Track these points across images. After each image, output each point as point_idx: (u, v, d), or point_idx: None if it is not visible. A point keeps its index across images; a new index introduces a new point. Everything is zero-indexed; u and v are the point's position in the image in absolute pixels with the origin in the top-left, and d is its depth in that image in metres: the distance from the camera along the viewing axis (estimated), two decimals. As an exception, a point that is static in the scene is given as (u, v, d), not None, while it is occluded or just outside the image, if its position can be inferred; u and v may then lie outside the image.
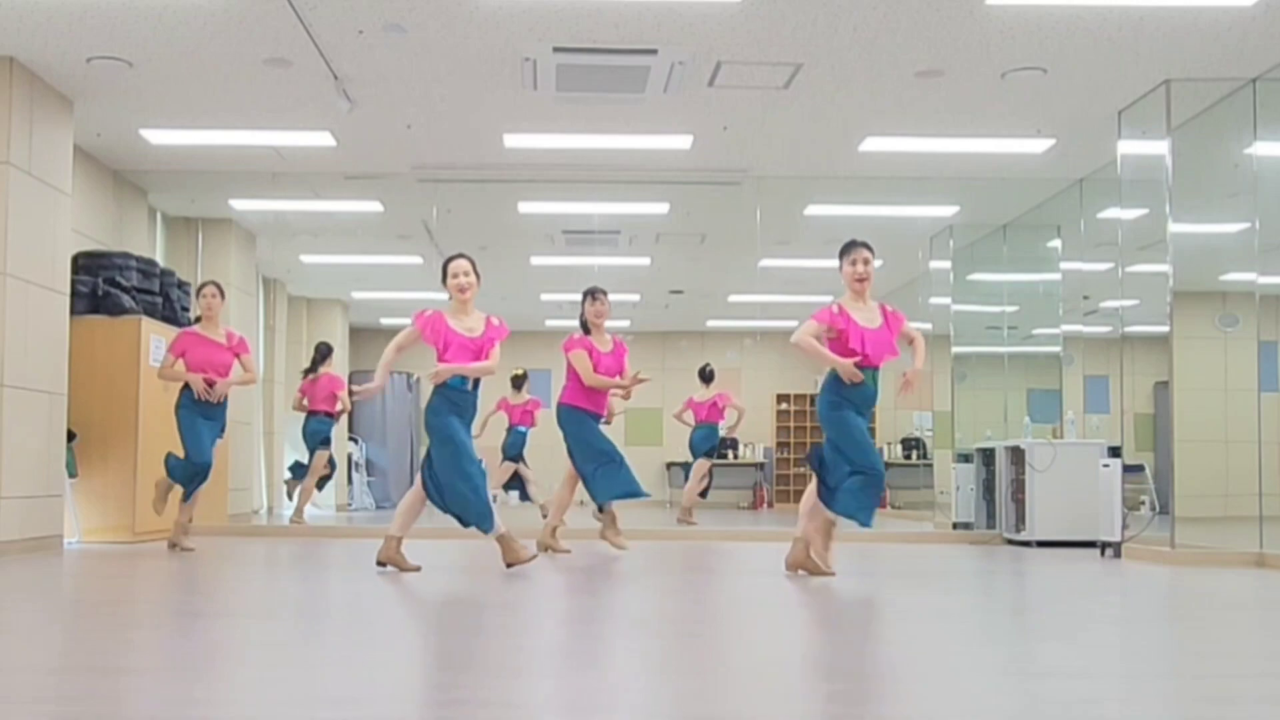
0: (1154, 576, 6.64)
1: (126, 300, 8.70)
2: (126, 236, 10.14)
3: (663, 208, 11.06)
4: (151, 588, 5.95)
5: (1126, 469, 8.09)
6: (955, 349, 11.69)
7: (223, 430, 7.92)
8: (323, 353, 11.04)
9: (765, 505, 18.00)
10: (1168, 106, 7.59)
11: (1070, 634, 4.31)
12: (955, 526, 10.43)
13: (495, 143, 9.15)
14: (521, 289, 14.73)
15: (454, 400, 6.24)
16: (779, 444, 18.15)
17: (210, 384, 7.66)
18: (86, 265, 8.70)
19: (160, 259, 11.03)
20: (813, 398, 20.44)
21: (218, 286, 7.96)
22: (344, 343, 16.40)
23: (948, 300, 11.88)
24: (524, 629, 4.38)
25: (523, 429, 12.61)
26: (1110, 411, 10.11)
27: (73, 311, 8.29)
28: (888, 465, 15.83)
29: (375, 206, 11.28)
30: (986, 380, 11.64)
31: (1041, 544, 8.92)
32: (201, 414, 7.73)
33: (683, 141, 9.09)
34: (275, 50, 7.18)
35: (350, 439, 16.20)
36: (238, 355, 7.88)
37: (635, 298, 14.76)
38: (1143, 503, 9.01)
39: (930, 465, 14.02)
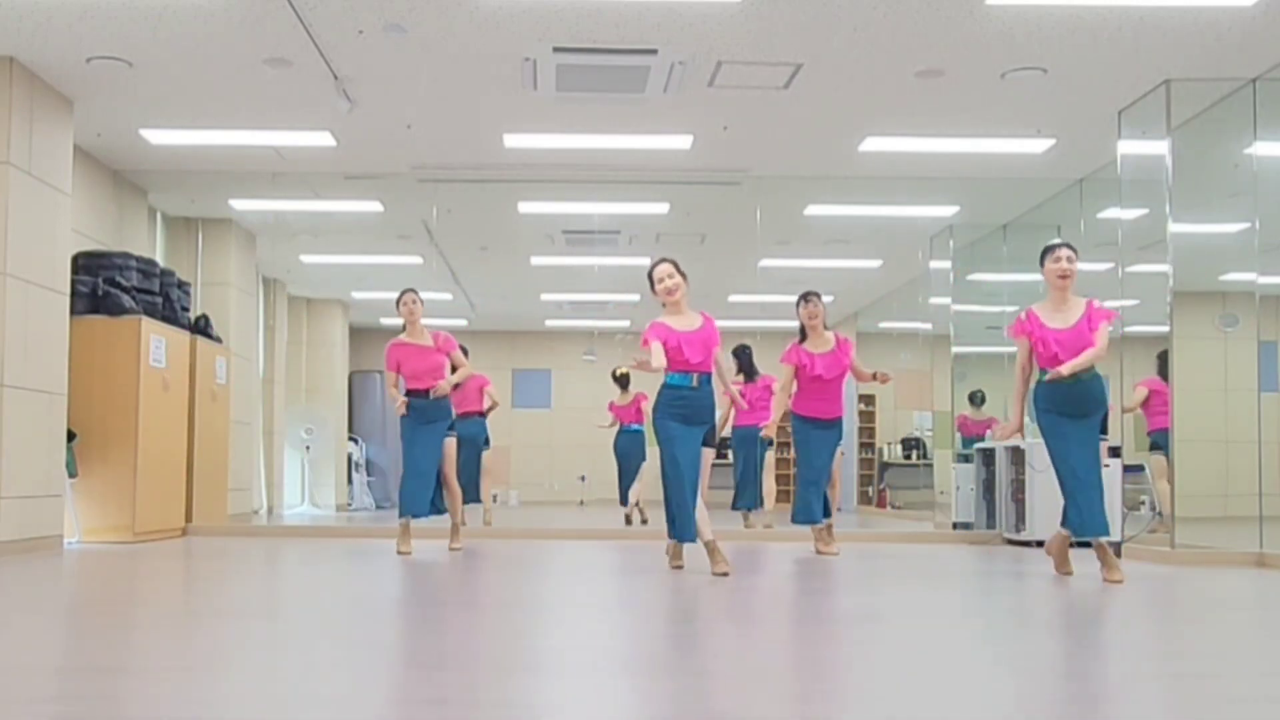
0: (1154, 576, 6.64)
1: (126, 300, 8.70)
2: (126, 236, 10.15)
3: (663, 208, 11.06)
4: (151, 588, 5.95)
5: (1126, 469, 8.09)
6: (955, 349, 11.70)
7: (451, 429, 8.01)
8: (464, 351, 11.10)
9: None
10: (1168, 106, 7.60)
11: (1070, 634, 4.31)
12: (955, 526, 10.44)
13: (495, 143, 9.15)
14: (521, 289, 14.73)
15: (672, 401, 6.36)
16: (779, 444, 18.13)
17: (425, 390, 7.80)
18: (86, 265, 8.70)
19: (160, 259, 11.04)
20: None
21: (415, 293, 8.03)
22: (344, 343, 16.41)
23: (948, 300, 11.88)
24: (524, 629, 4.38)
25: (636, 428, 12.01)
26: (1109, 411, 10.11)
27: (73, 311, 8.29)
28: (887, 465, 15.97)
29: (375, 206, 11.29)
30: (986, 380, 11.65)
31: (1042, 544, 8.90)
32: (422, 421, 7.82)
33: (683, 141, 9.09)
34: (275, 50, 7.18)
35: (350, 439, 16.22)
36: (447, 354, 7.97)
37: (635, 298, 14.75)
38: (1142, 503, 9.01)
39: (930, 465, 14.02)
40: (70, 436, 8.24)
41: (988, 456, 9.98)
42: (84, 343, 8.41)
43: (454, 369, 8.16)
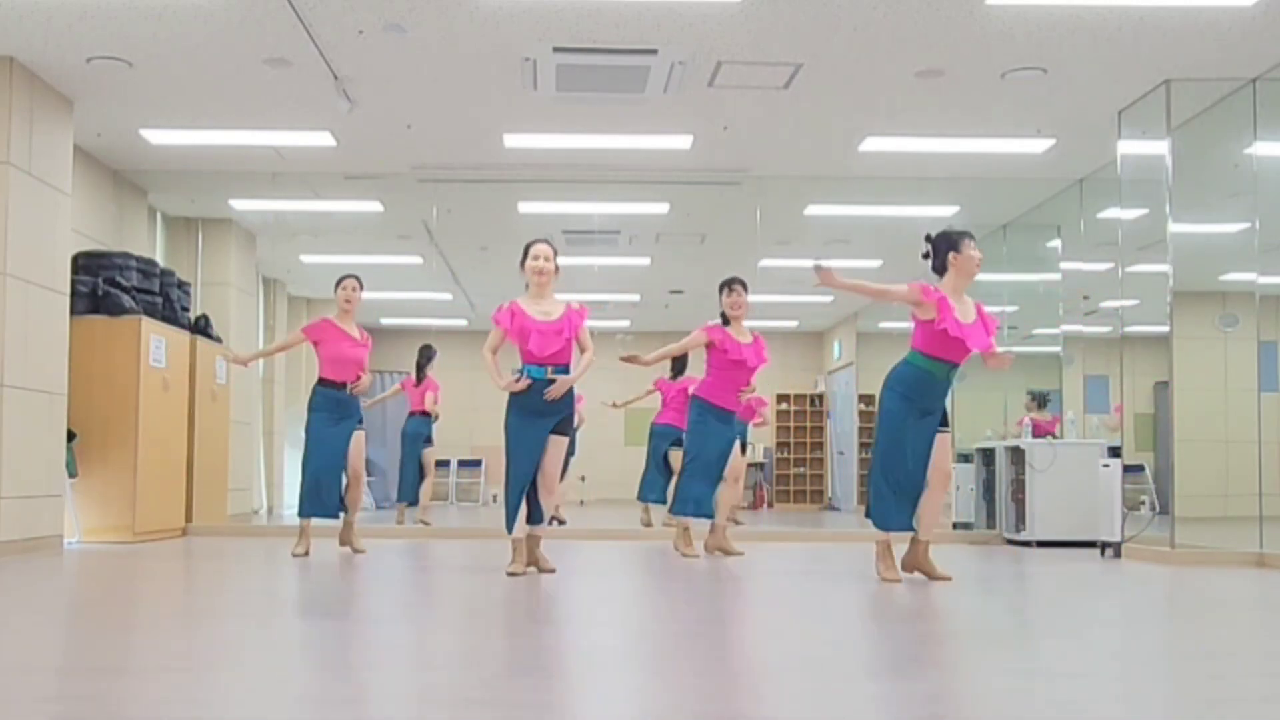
0: (1154, 576, 6.64)
1: (126, 300, 8.70)
2: (126, 236, 10.15)
3: (663, 208, 11.06)
4: (151, 588, 5.95)
5: (1126, 469, 8.09)
6: (955, 349, 11.68)
7: (360, 424, 7.55)
8: (429, 356, 11.07)
9: (765, 505, 18.01)
10: (1168, 106, 7.60)
11: (1070, 634, 4.31)
12: (955, 526, 10.43)
13: (495, 143, 9.15)
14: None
15: (520, 393, 6.13)
16: (779, 444, 18.16)
17: (343, 382, 7.39)
18: (86, 265, 8.70)
19: (160, 259, 11.04)
20: (813, 398, 20.28)
21: (358, 280, 7.67)
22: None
23: (948, 300, 11.86)
24: (525, 629, 4.38)
25: None
26: (1110, 411, 10.12)
27: (73, 311, 8.29)
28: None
29: (375, 206, 11.28)
30: (986, 380, 11.63)
31: (1041, 544, 8.92)
32: (337, 417, 7.40)
33: (683, 141, 9.09)
34: (275, 50, 7.18)
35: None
36: (368, 350, 7.61)
37: (635, 298, 14.76)
38: (1143, 503, 9.01)
39: (930, 465, 13.97)
40: (70, 436, 8.23)
41: (988, 456, 9.99)
42: (84, 343, 8.40)
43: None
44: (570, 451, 10.31)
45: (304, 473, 7.41)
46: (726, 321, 7.49)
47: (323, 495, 7.39)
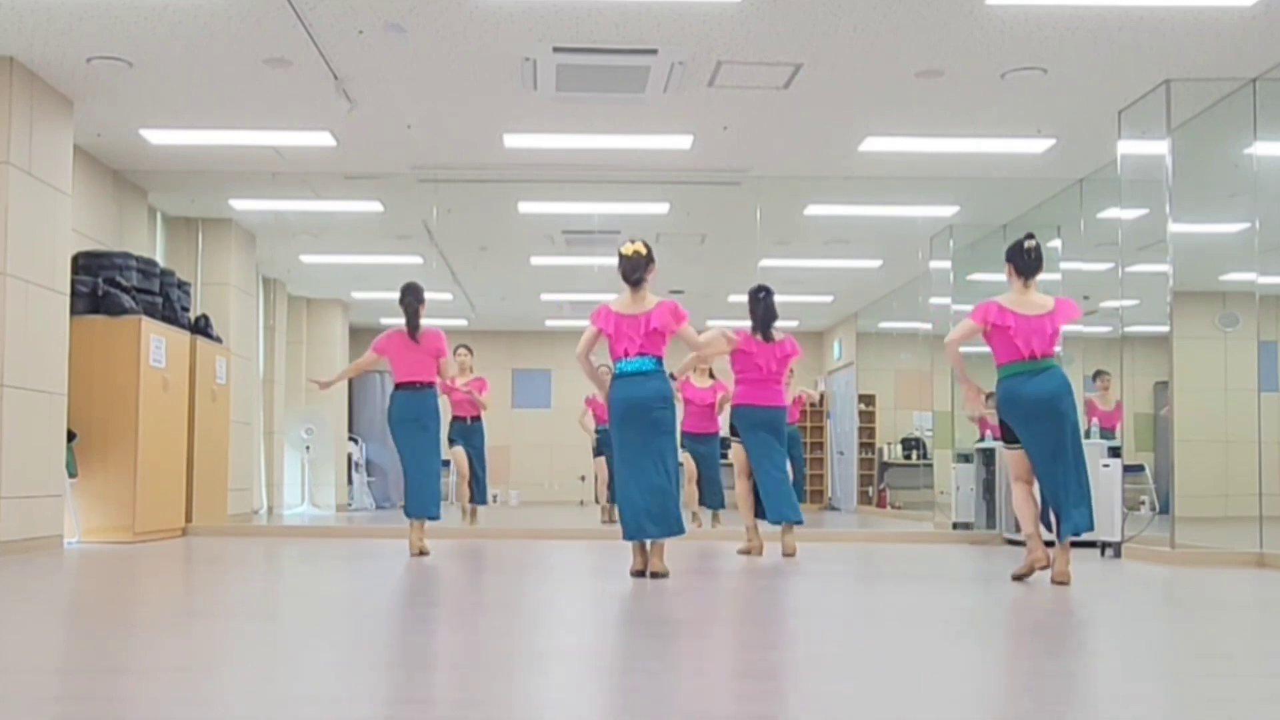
0: (1154, 576, 6.64)
1: (126, 300, 8.70)
2: (126, 236, 10.15)
3: (663, 208, 11.06)
4: (151, 588, 5.95)
5: (1126, 469, 8.09)
6: (955, 349, 11.68)
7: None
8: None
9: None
10: (1168, 106, 7.60)
11: (1070, 634, 4.31)
12: (955, 526, 10.43)
13: (495, 143, 9.15)
14: (521, 289, 14.73)
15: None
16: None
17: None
18: (86, 265, 8.70)
19: (160, 259, 11.04)
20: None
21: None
22: (344, 343, 16.41)
23: (948, 300, 11.87)
24: (524, 629, 4.38)
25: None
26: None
27: (73, 311, 8.29)
28: (887, 465, 15.94)
29: (375, 206, 11.28)
30: (986, 380, 11.61)
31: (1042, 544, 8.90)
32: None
33: (683, 141, 9.09)
34: (275, 50, 7.18)
35: (350, 439, 16.21)
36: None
37: (635, 298, 14.73)
38: (1143, 503, 9.01)
39: (930, 465, 14.01)
40: (70, 436, 8.23)
41: (987, 457, 9.98)
42: (84, 343, 8.40)
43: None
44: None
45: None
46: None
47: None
